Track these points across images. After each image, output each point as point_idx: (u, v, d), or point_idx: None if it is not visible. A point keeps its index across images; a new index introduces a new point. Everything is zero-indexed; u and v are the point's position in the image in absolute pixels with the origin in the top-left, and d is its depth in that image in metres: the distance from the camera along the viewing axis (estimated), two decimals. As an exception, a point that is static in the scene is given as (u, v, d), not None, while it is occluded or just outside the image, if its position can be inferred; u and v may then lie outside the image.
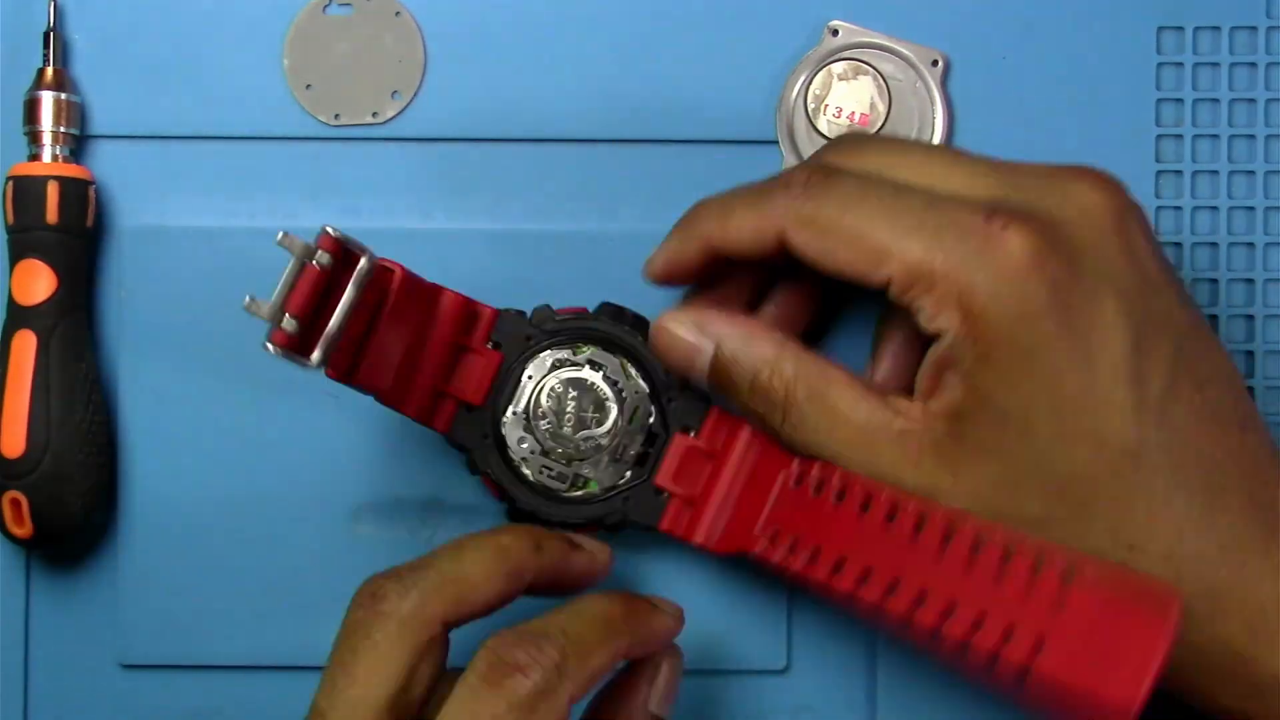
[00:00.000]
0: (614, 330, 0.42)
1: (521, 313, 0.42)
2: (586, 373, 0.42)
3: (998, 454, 0.36)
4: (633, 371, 0.42)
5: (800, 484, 0.39)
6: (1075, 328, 0.35)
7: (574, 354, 0.42)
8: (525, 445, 0.42)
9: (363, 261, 0.38)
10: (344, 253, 0.38)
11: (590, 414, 0.42)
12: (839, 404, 0.37)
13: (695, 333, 0.39)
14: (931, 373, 0.37)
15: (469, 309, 0.41)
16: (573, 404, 0.42)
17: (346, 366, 0.38)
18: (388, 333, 0.39)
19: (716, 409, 0.41)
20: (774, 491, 0.40)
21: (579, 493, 0.42)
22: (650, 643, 0.39)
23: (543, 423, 0.41)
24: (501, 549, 0.38)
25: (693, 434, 0.41)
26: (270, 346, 0.37)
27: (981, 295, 0.35)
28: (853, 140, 0.40)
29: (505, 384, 0.42)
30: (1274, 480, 0.36)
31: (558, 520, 0.41)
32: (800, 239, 0.37)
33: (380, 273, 0.38)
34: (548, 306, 0.42)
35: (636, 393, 0.42)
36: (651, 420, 0.42)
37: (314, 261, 0.37)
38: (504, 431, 0.42)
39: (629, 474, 0.42)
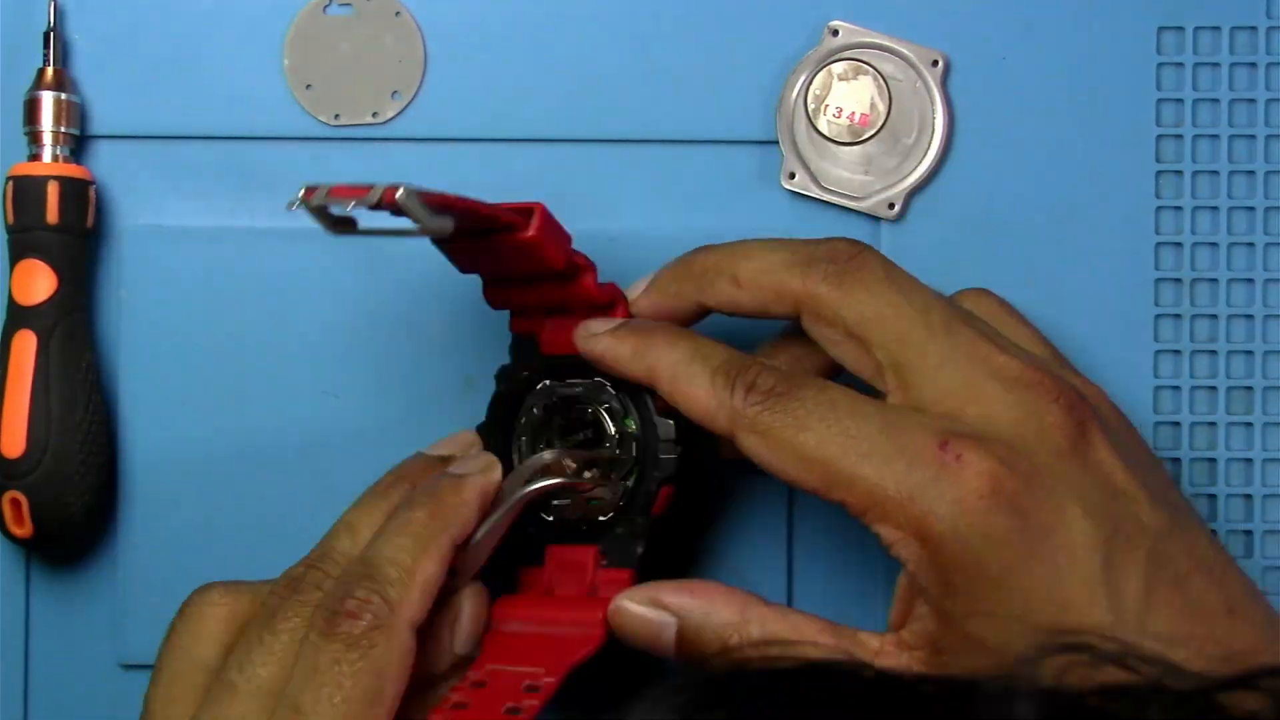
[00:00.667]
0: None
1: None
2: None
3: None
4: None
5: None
6: (1040, 550, 0.34)
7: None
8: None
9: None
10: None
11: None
12: (811, 657, 0.37)
13: (654, 610, 0.38)
14: (902, 600, 0.36)
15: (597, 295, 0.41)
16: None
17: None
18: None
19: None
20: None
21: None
22: (470, 520, 0.38)
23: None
24: (420, 529, 0.37)
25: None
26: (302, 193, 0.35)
27: (939, 525, 0.34)
28: (850, 268, 0.38)
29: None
30: (1268, 658, 0.35)
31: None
32: (749, 444, 0.37)
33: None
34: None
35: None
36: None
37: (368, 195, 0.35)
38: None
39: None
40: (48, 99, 0.44)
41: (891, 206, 0.45)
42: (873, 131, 0.45)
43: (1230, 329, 0.46)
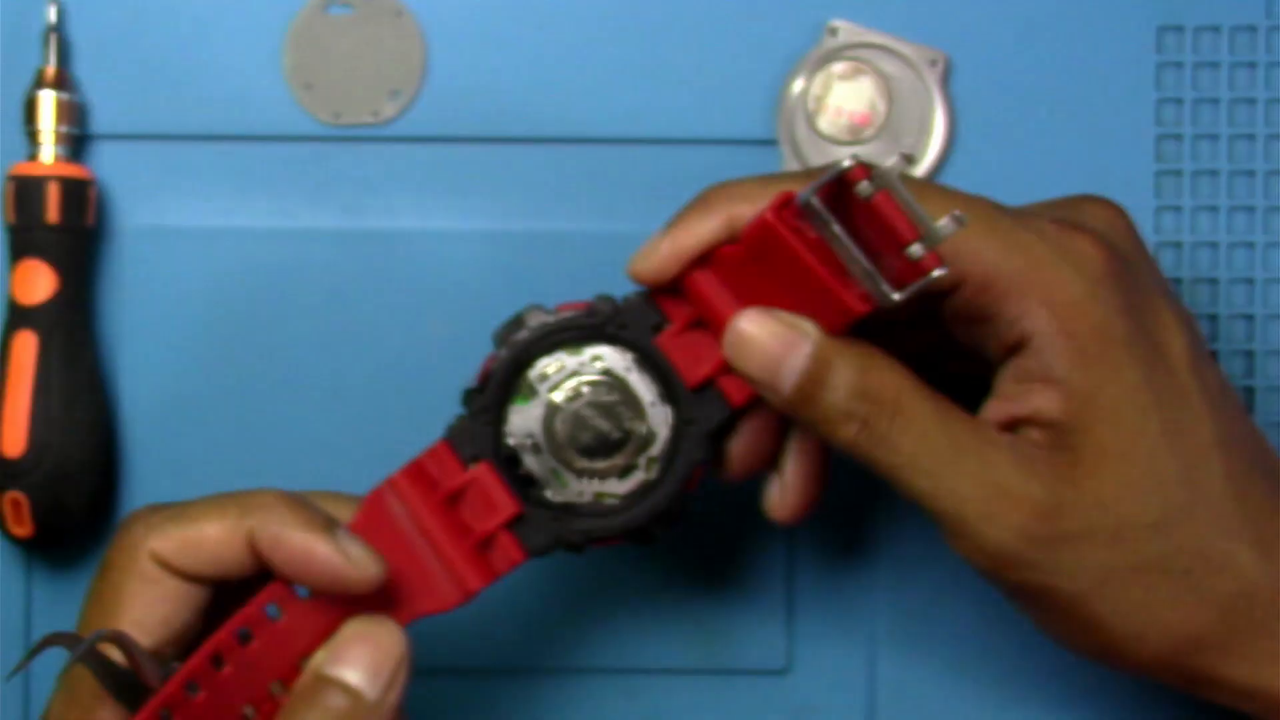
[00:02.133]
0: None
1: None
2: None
3: (1114, 457, 0.35)
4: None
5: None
6: (1146, 326, 0.35)
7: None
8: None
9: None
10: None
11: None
12: (950, 413, 0.35)
13: (789, 327, 0.35)
14: (1017, 389, 0.35)
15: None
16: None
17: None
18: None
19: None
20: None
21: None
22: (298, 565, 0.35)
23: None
24: (245, 508, 0.36)
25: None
26: (848, 162, 0.33)
27: (1072, 291, 0.35)
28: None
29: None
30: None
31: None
32: None
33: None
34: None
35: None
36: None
37: (922, 240, 0.33)
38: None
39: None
40: (48, 98, 0.44)
41: (891, 206, 0.45)
42: (872, 131, 0.45)
43: (1230, 329, 0.46)
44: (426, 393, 0.44)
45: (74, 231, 0.43)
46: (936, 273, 0.33)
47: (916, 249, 0.33)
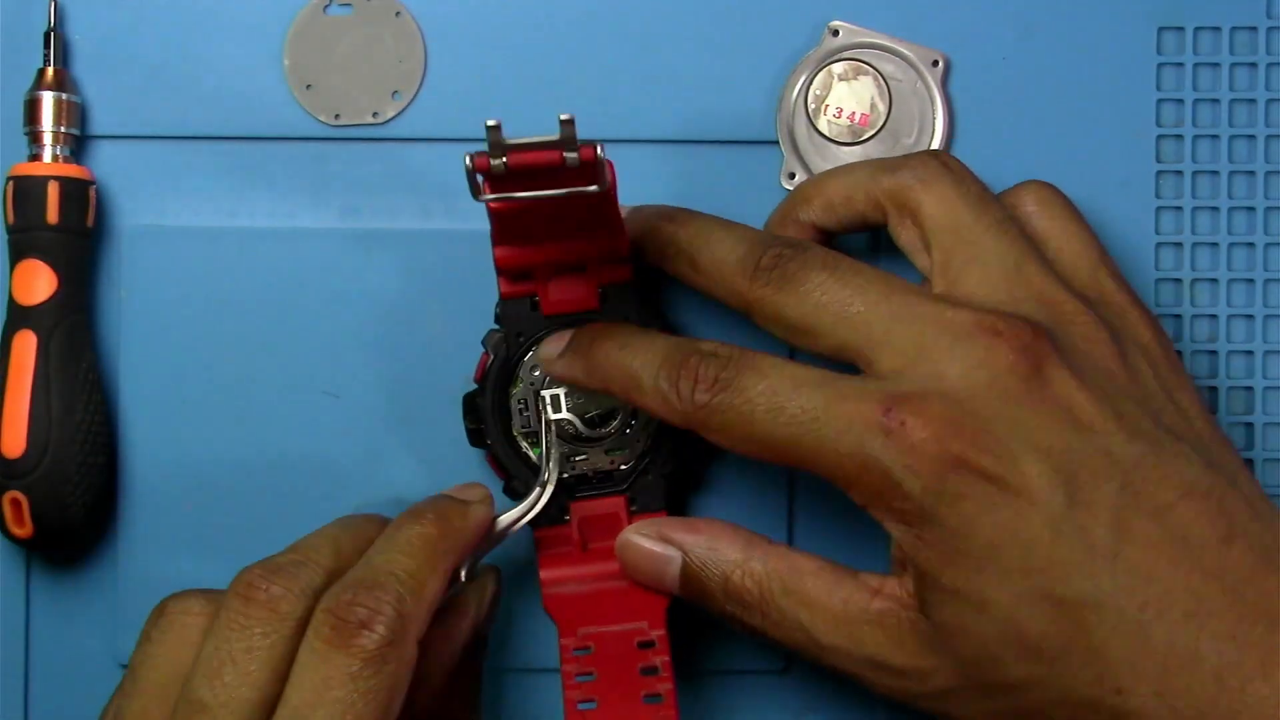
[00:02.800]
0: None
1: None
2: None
3: (964, 631, 0.35)
4: None
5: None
6: (999, 500, 0.34)
7: None
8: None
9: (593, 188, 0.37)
10: (592, 171, 0.36)
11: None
12: (814, 593, 0.37)
13: (660, 544, 0.40)
14: (894, 552, 0.37)
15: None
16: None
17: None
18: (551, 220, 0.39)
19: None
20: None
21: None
22: (471, 544, 0.39)
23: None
24: (429, 543, 0.37)
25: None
26: (468, 160, 0.36)
27: (897, 489, 0.35)
28: (790, 270, 0.38)
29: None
30: (1269, 589, 0.34)
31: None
32: (710, 438, 0.38)
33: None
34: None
35: None
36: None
37: (566, 154, 0.36)
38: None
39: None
40: (48, 99, 0.44)
41: (891, 206, 0.45)
42: (873, 131, 0.45)
43: (1230, 329, 0.46)
44: (426, 393, 0.44)
45: (74, 232, 0.43)
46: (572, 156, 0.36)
47: (570, 157, 0.35)
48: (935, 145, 0.45)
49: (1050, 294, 0.37)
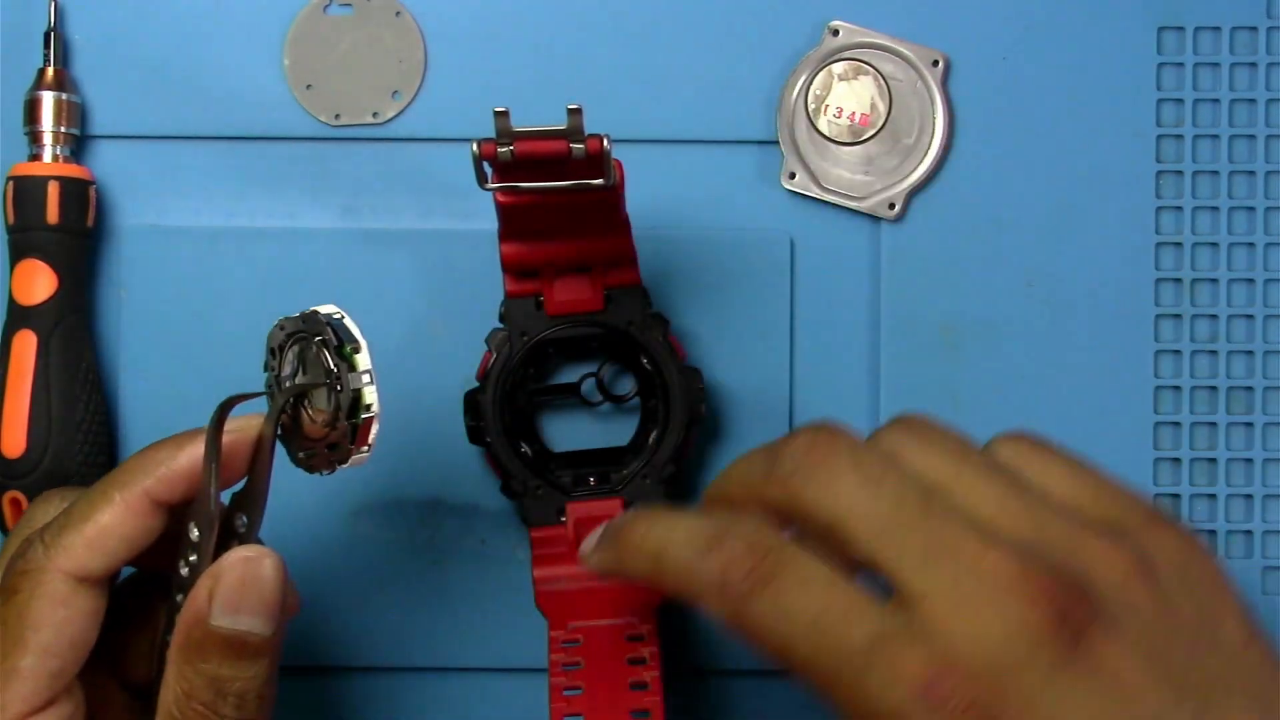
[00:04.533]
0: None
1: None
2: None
3: None
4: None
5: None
6: None
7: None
8: None
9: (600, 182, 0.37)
10: (599, 164, 0.37)
11: None
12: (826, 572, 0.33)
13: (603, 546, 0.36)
14: None
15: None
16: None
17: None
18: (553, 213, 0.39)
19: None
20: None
21: None
22: (176, 475, 0.35)
23: None
24: (117, 480, 0.35)
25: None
26: (475, 146, 0.36)
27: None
28: (915, 431, 0.35)
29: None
30: None
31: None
32: (745, 632, 0.33)
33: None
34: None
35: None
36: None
37: (572, 145, 0.36)
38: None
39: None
40: (48, 99, 0.44)
41: (891, 206, 0.45)
42: (873, 131, 0.45)
43: (1230, 329, 0.46)
44: (426, 393, 0.44)
45: (74, 232, 0.43)
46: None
47: (577, 148, 0.36)
48: (935, 145, 0.45)
49: (1067, 533, 0.34)
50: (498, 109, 0.35)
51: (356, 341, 0.35)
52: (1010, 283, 0.45)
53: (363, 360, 0.35)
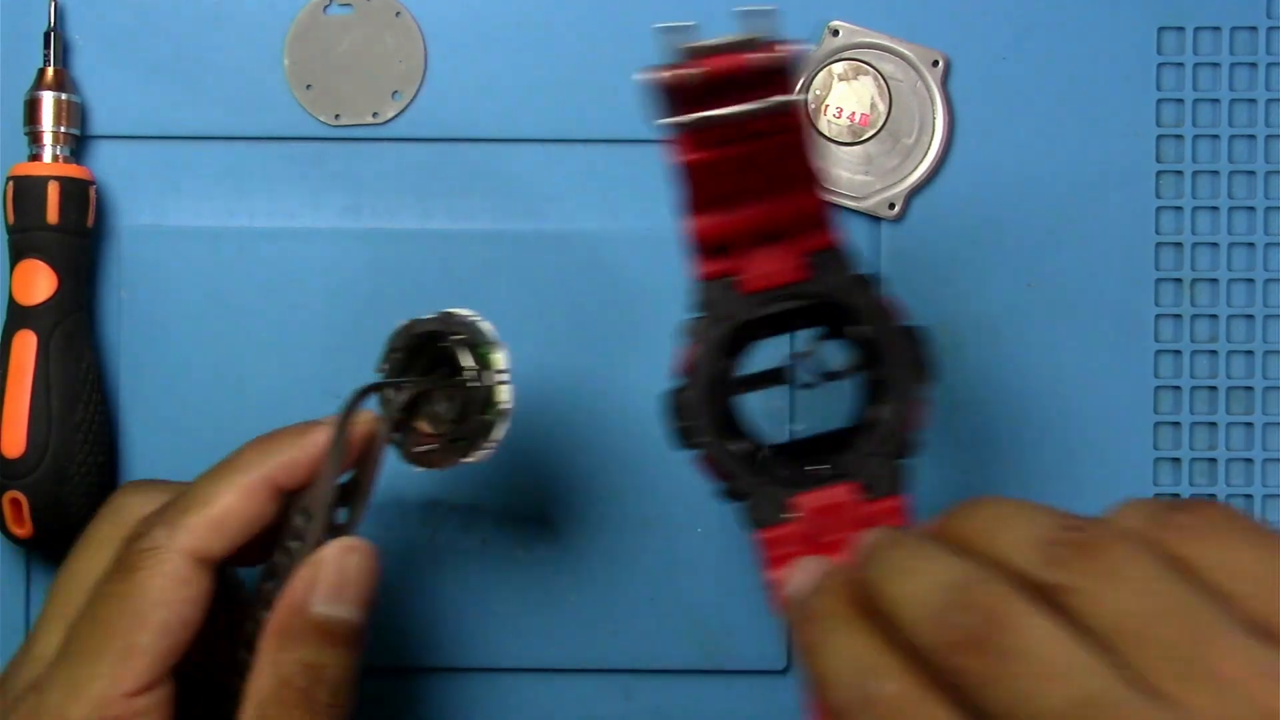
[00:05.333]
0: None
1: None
2: None
3: None
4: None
5: None
6: None
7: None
8: None
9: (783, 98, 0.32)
10: (783, 78, 0.32)
11: None
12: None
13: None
14: None
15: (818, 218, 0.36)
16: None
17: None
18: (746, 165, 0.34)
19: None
20: None
21: None
22: (301, 460, 0.36)
23: None
24: (239, 465, 0.36)
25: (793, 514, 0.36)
26: (658, 73, 0.32)
27: None
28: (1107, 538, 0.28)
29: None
30: None
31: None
32: None
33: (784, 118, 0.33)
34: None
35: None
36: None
37: (773, 50, 0.31)
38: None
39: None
40: (48, 99, 0.44)
41: (891, 206, 0.45)
42: (873, 131, 0.45)
43: (1230, 329, 0.46)
44: (426, 393, 0.44)
45: (74, 232, 0.43)
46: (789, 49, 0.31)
47: (776, 54, 0.31)
48: (935, 145, 0.45)
49: None
50: (678, 24, 0.31)
51: (494, 342, 0.36)
52: (1010, 283, 0.45)
53: (500, 359, 0.37)
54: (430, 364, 0.38)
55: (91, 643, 0.34)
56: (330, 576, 0.35)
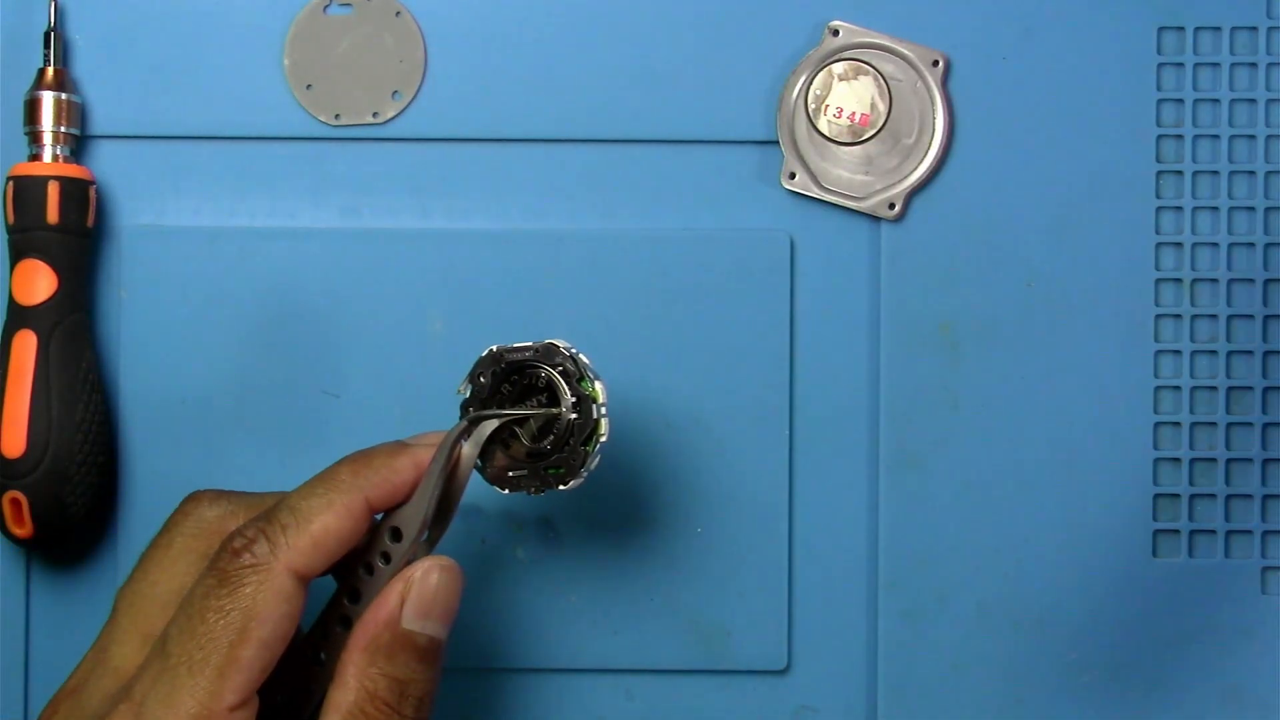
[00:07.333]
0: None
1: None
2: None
3: None
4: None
5: None
6: None
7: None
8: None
9: None
10: None
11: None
12: None
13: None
14: None
15: None
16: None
17: None
18: None
19: None
20: None
21: None
22: (397, 483, 0.37)
23: None
24: (337, 484, 0.36)
25: None
26: None
27: None
28: None
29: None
30: None
31: None
32: None
33: None
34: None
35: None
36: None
37: None
38: None
39: None
40: (48, 99, 0.44)
41: (891, 206, 0.45)
42: (873, 131, 0.45)
43: (1231, 329, 0.46)
44: (426, 393, 0.44)
45: (74, 232, 0.43)
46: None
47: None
48: (935, 145, 0.45)
49: None
50: None
51: (593, 375, 0.38)
52: (1010, 283, 0.45)
53: (601, 392, 0.38)
54: (515, 390, 0.39)
55: (192, 655, 0.34)
56: (421, 594, 0.36)
